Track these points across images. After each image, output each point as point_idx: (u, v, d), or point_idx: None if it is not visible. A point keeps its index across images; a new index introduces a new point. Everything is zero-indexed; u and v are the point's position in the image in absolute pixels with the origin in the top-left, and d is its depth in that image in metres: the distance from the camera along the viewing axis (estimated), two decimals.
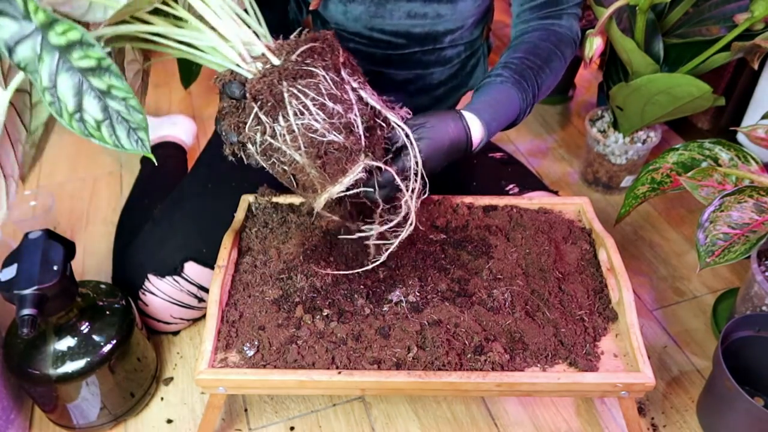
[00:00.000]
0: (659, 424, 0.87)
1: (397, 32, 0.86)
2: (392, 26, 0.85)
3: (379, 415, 0.88)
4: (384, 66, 0.90)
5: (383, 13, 0.83)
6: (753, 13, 0.93)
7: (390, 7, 0.83)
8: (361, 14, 0.83)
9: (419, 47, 0.88)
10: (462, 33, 0.89)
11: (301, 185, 0.66)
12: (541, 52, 0.83)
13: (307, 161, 0.62)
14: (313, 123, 0.61)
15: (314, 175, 0.63)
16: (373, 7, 0.83)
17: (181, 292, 0.91)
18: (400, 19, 0.84)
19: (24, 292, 0.69)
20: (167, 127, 1.30)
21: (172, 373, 0.93)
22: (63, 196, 1.26)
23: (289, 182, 0.67)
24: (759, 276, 0.85)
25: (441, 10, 0.84)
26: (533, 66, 0.81)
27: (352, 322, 0.72)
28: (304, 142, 0.61)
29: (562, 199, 0.92)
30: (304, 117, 0.61)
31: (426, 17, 0.84)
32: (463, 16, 0.86)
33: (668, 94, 1.00)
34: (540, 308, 0.75)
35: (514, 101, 0.80)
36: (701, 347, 0.97)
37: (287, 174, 0.65)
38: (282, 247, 0.81)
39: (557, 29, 0.86)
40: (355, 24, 0.85)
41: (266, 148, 0.63)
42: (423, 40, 0.87)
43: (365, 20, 0.84)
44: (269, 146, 0.63)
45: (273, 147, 0.63)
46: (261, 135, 0.63)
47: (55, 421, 0.84)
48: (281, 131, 0.61)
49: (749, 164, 0.89)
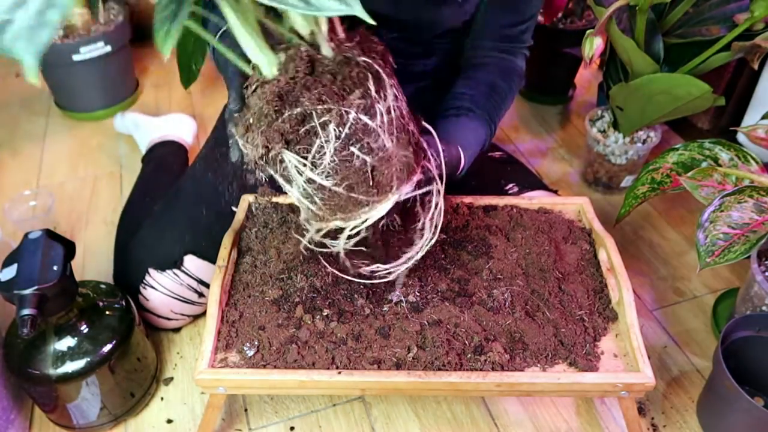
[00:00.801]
0: (659, 424, 0.87)
1: (376, 14, 0.86)
2: (372, 9, 0.85)
3: (379, 415, 0.88)
4: None
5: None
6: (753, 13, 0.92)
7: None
8: None
9: (400, 34, 0.88)
10: (444, 32, 0.90)
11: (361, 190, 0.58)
12: (501, 91, 0.90)
13: (396, 150, 0.56)
14: (403, 107, 0.57)
15: (396, 170, 0.56)
16: None
17: (182, 286, 0.91)
18: (381, 8, 0.82)
19: (24, 292, 0.69)
20: (168, 126, 1.31)
21: (172, 373, 0.93)
22: (63, 196, 1.26)
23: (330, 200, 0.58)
24: (759, 276, 0.85)
25: (422, 10, 0.85)
26: (496, 105, 0.88)
27: (352, 322, 0.72)
28: (398, 127, 0.56)
29: (562, 199, 0.92)
30: (399, 101, 0.57)
31: (409, 13, 0.85)
32: (447, 23, 0.88)
33: (668, 94, 1.00)
34: (540, 308, 0.75)
35: (482, 137, 0.86)
36: (701, 347, 0.97)
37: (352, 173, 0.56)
38: (282, 247, 0.81)
39: (513, 68, 0.92)
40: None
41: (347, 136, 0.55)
42: (404, 27, 0.87)
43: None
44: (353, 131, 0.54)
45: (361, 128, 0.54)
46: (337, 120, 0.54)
47: (55, 421, 0.84)
48: (382, 111, 0.54)
49: (749, 164, 0.89)
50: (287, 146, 0.56)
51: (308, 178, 0.56)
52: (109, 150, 1.38)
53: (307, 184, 0.57)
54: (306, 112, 0.54)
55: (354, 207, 0.57)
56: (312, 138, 0.55)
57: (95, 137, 1.42)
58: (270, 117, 0.55)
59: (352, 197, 0.56)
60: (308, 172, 0.56)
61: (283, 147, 0.55)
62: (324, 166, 0.55)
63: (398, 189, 0.58)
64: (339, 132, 0.54)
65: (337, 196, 0.57)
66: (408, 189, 0.59)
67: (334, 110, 0.53)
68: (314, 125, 0.54)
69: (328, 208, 0.58)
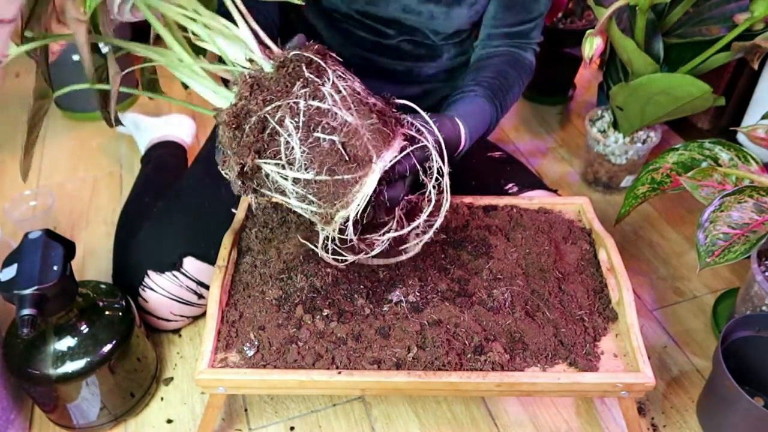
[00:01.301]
0: (659, 424, 0.87)
1: (388, 21, 0.87)
2: (385, 15, 0.86)
3: (379, 415, 0.88)
4: (374, 53, 0.91)
5: (378, 2, 0.85)
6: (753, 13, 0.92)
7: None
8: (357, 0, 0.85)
9: (408, 37, 0.89)
10: (451, 34, 0.91)
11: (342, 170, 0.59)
12: (509, 77, 0.88)
13: (359, 121, 0.57)
14: (356, 85, 0.59)
15: (367, 138, 0.58)
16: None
17: (181, 287, 0.91)
18: (394, 12, 0.85)
19: (24, 292, 0.69)
20: (167, 127, 1.31)
21: (172, 373, 0.93)
22: (63, 196, 1.26)
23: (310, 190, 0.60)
24: (759, 276, 0.85)
25: (435, 12, 0.86)
26: (502, 87, 0.86)
27: (352, 322, 0.72)
28: (354, 101, 0.58)
29: (562, 199, 0.92)
30: (347, 80, 0.59)
31: (420, 15, 0.86)
32: (455, 23, 0.89)
33: (668, 94, 1.00)
34: (540, 308, 0.75)
35: (487, 115, 0.83)
36: (701, 347, 0.97)
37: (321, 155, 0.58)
38: (282, 247, 0.81)
39: (522, 59, 0.92)
40: (348, 7, 0.86)
41: (307, 128, 0.57)
42: (412, 31, 0.89)
43: (360, 5, 0.85)
44: (313, 121, 0.57)
45: (316, 121, 0.57)
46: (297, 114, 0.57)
47: (55, 421, 0.84)
48: (329, 92, 0.57)
49: (749, 164, 0.89)
50: (259, 156, 0.59)
51: (293, 178, 0.58)
52: (109, 150, 1.38)
53: (295, 185, 0.58)
54: (260, 118, 0.58)
55: (345, 189, 0.58)
56: (276, 138, 0.58)
57: (95, 137, 1.42)
58: (235, 137, 0.59)
59: (338, 179, 0.57)
60: (288, 171, 0.58)
61: (254, 158, 0.59)
62: (298, 160, 0.57)
63: (380, 157, 0.58)
64: (296, 122, 0.57)
65: (325, 184, 0.58)
66: (391, 155, 0.59)
67: (282, 105, 0.57)
68: (272, 125, 0.57)
69: (325, 201, 0.59)
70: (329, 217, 0.60)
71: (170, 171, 1.22)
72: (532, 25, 0.92)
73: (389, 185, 0.63)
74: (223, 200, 0.92)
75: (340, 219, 0.59)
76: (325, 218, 0.60)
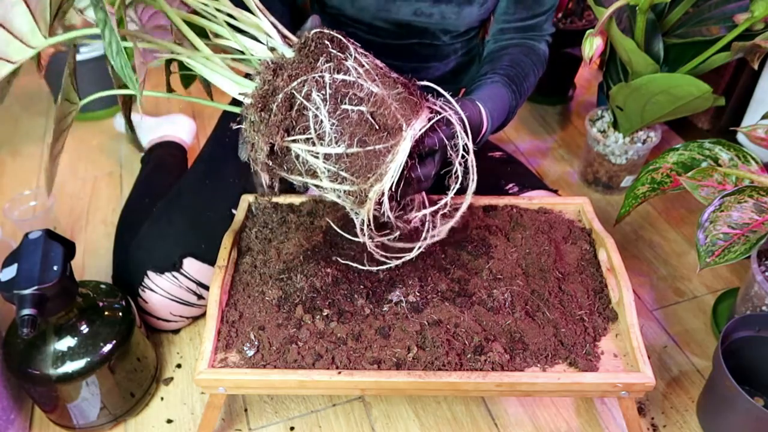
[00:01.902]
0: (659, 424, 0.87)
1: (399, 23, 0.87)
2: (396, 19, 0.86)
3: (379, 415, 0.88)
4: (381, 55, 0.91)
5: (390, 8, 0.85)
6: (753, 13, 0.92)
7: (399, 3, 0.84)
8: (369, 6, 0.85)
9: (417, 39, 0.89)
10: (461, 33, 0.91)
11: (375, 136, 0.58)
12: (524, 66, 0.88)
13: (385, 91, 0.57)
14: (377, 62, 0.60)
15: (395, 108, 0.57)
16: (383, 1, 0.84)
17: (180, 288, 0.91)
18: (405, 15, 0.86)
19: (24, 292, 0.69)
20: (167, 127, 1.31)
21: (172, 373, 0.93)
22: (63, 196, 1.26)
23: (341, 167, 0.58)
24: (759, 276, 0.85)
25: (447, 12, 0.86)
26: (518, 75, 0.86)
27: (352, 322, 0.72)
28: (377, 74, 0.58)
29: (562, 199, 0.92)
30: (368, 56, 0.59)
31: (431, 17, 0.87)
32: (466, 21, 0.89)
33: (668, 94, 1.00)
34: (540, 308, 0.75)
35: (506, 100, 0.83)
36: (701, 347, 0.97)
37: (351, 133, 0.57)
38: (282, 247, 0.81)
39: (536, 50, 0.92)
40: (359, 13, 0.86)
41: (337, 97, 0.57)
42: (422, 33, 0.89)
43: (372, 12, 0.86)
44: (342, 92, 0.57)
45: (346, 89, 0.57)
46: (334, 76, 0.57)
47: (55, 421, 0.84)
48: (353, 65, 0.57)
49: (749, 164, 0.89)
50: (288, 134, 0.58)
51: (324, 154, 0.57)
52: (109, 150, 1.38)
53: (327, 162, 0.57)
54: (287, 94, 0.57)
55: (378, 160, 0.57)
56: (305, 114, 0.57)
57: (95, 137, 1.42)
58: (262, 119, 0.58)
59: (370, 151, 0.56)
60: (319, 147, 0.57)
61: (284, 136, 0.58)
62: (328, 133, 0.56)
63: (409, 125, 0.57)
64: (323, 95, 0.56)
65: (357, 157, 0.57)
66: (420, 124, 0.58)
67: (308, 79, 0.57)
68: (300, 100, 0.57)
69: (358, 176, 0.58)
70: (363, 195, 0.59)
71: (170, 171, 1.22)
72: (543, 18, 0.92)
73: (420, 162, 0.62)
74: (223, 201, 0.92)
75: (374, 195, 0.58)
76: (359, 197, 0.59)
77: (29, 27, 0.54)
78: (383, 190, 0.58)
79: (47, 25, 0.55)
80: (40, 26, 0.54)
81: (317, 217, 0.85)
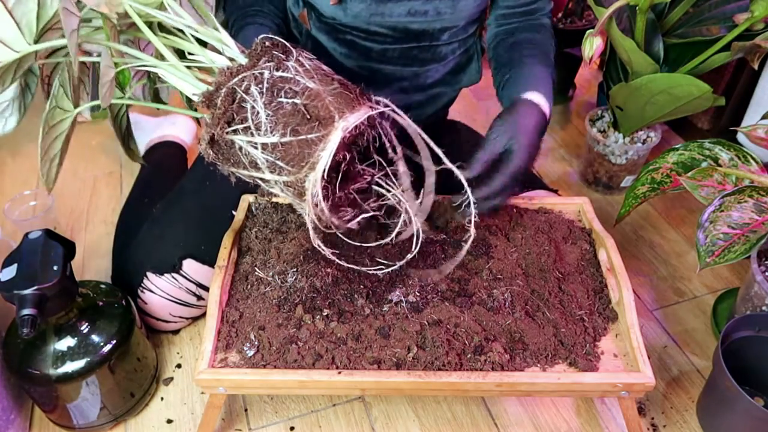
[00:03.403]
0: (659, 424, 0.87)
1: (395, 27, 0.86)
2: (391, 23, 0.85)
3: (379, 415, 0.88)
4: (380, 62, 0.90)
5: (383, 11, 0.84)
6: (753, 13, 0.93)
7: (390, 5, 0.83)
8: (362, 11, 0.84)
9: (416, 43, 0.88)
10: (457, 31, 0.90)
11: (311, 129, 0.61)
12: (544, 43, 0.91)
13: (321, 87, 0.61)
14: (324, 66, 0.64)
15: (329, 101, 0.61)
16: (374, 5, 0.83)
17: (180, 289, 0.91)
18: (399, 17, 0.84)
19: (24, 292, 0.69)
20: (167, 127, 1.31)
21: (172, 373, 0.93)
22: (63, 196, 1.26)
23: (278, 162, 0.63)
24: (759, 276, 0.85)
25: (441, 8, 0.84)
26: (544, 52, 0.90)
27: (352, 322, 0.72)
28: (317, 73, 0.63)
29: (562, 199, 0.92)
30: (313, 60, 0.64)
31: (426, 15, 0.85)
32: (463, 15, 0.87)
33: (668, 94, 1.00)
34: (540, 308, 0.75)
35: (549, 75, 0.87)
36: (701, 347, 0.97)
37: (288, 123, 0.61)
38: (282, 247, 0.81)
39: (544, 25, 0.94)
40: (354, 20, 0.85)
41: (271, 94, 0.62)
42: (420, 35, 0.88)
43: (365, 17, 0.84)
44: (277, 88, 0.62)
45: (280, 88, 0.61)
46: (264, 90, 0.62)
47: (55, 421, 0.84)
48: (293, 65, 0.62)
49: (749, 164, 0.89)
50: (229, 125, 0.63)
51: (261, 144, 0.61)
52: (109, 150, 1.38)
53: (264, 152, 0.61)
54: (229, 89, 0.62)
55: (310, 149, 0.60)
56: (244, 106, 0.62)
57: (95, 137, 1.42)
58: (210, 114, 0.63)
59: (302, 140, 0.60)
60: (256, 138, 0.61)
61: (225, 127, 0.63)
62: (264, 123, 0.61)
63: (342, 117, 0.60)
64: (261, 89, 0.61)
65: (290, 146, 0.60)
66: (355, 118, 0.60)
67: (248, 75, 0.62)
68: (239, 94, 0.62)
69: (293, 165, 0.61)
70: (300, 185, 0.61)
71: (170, 172, 1.22)
72: (545, 1, 0.94)
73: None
74: (224, 203, 0.91)
75: (310, 185, 0.61)
76: (297, 188, 0.62)
77: (13, 34, 0.62)
78: (317, 179, 0.60)
79: (33, 34, 0.62)
80: (25, 33, 0.62)
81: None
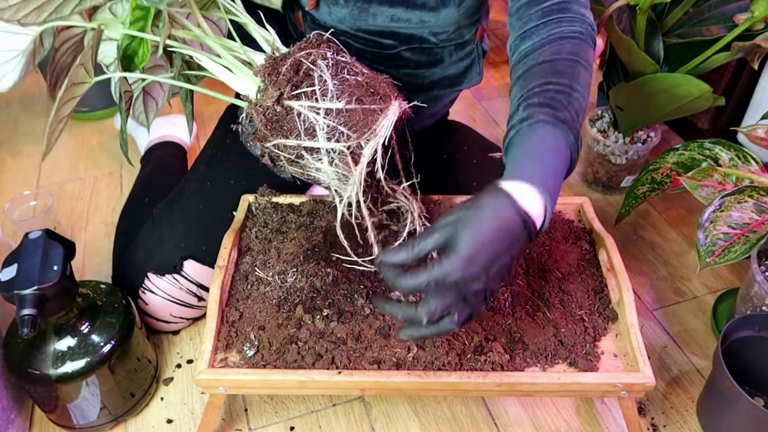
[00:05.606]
0: (659, 424, 0.87)
1: (383, 32, 0.86)
2: (377, 28, 0.85)
3: (379, 415, 0.88)
4: (374, 64, 0.90)
5: (366, 17, 0.84)
6: (753, 13, 0.93)
7: (373, 11, 0.83)
8: (345, 17, 0.84)
9: (407, 45, 0.88)
10: (450, 35, 0.89)
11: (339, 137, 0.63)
12: (564, 69, 0.67)
13: (371, 73, 0.67)
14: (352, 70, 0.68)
15: (385, 84, 0.66)
16: (356, 11, 0.83)
17: (181, 290, 0.91)
18: (384, 22, 0.84)
19: (24, 292, 0.69)
20: (167, 127, 1.30)
21: (172, 373, 0.93)
22: (63, 196, 1.26)
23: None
24: (759, 276, 0.85)
25: (424, 17, 0.84)
26: (561, 90, 0.65)
27: (352, 322, 0.72)
28: (363, 66, 0.67)
29: (562, 199, 0.92)
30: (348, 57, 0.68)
31: (410, 22, 0.84)
32: (447, 23, 0.86)
33: (668, 94, 1.00)
34: (540, 308, 0.75)
35: (559, 142, 0.62)
36: (701, 347, 0.97)
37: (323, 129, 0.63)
38: (282, 247, 0.81)
39: (566, 30, 0.70)
40: (340, 24, 0.85)
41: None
42: (409, 39, 0.87)
43: (350, 22, 0.85)
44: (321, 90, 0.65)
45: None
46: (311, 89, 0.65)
47: (55, 421, 0.84)
48: (348, 54, 0.68)
49: (749, 164, 0.89)
50: (294, 90, 0.65)
51: (325, 109, 0.63)
52: (109, 150, 1.38)
53: (327, 117, 0.63)
54: (296, 60, 0.65)
55: (373, 117, 0.64)
56: (311, 74, 0.65)
57: (95, 137, 1.42)
58: (272, 81, 0.65)
59: (366, 108, 0.64)
60: (321, 103, 0.63)
61: (292, 89, 0.64)
62: (331, 90, 0.64)
63: (396, 99, 0.66)
64: (328, 63, 0.65)
65: (354, 112, 0.63)
66: (400, 105, 0.66)
67: (314, 52, 0.66)
68: (306, 65, 0.65)
69: (354, 130, 0.63)
70: (358, 150, 0.63)
71: (170, 172, 1.21)
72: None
73: None
74: (224, 204, 0.91)
75: (369, 152, 0.63)
76: (353, 155, 0.64)
77: None
78: (377, 146, 0.63)
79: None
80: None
81: (317, 217, 0.85)
